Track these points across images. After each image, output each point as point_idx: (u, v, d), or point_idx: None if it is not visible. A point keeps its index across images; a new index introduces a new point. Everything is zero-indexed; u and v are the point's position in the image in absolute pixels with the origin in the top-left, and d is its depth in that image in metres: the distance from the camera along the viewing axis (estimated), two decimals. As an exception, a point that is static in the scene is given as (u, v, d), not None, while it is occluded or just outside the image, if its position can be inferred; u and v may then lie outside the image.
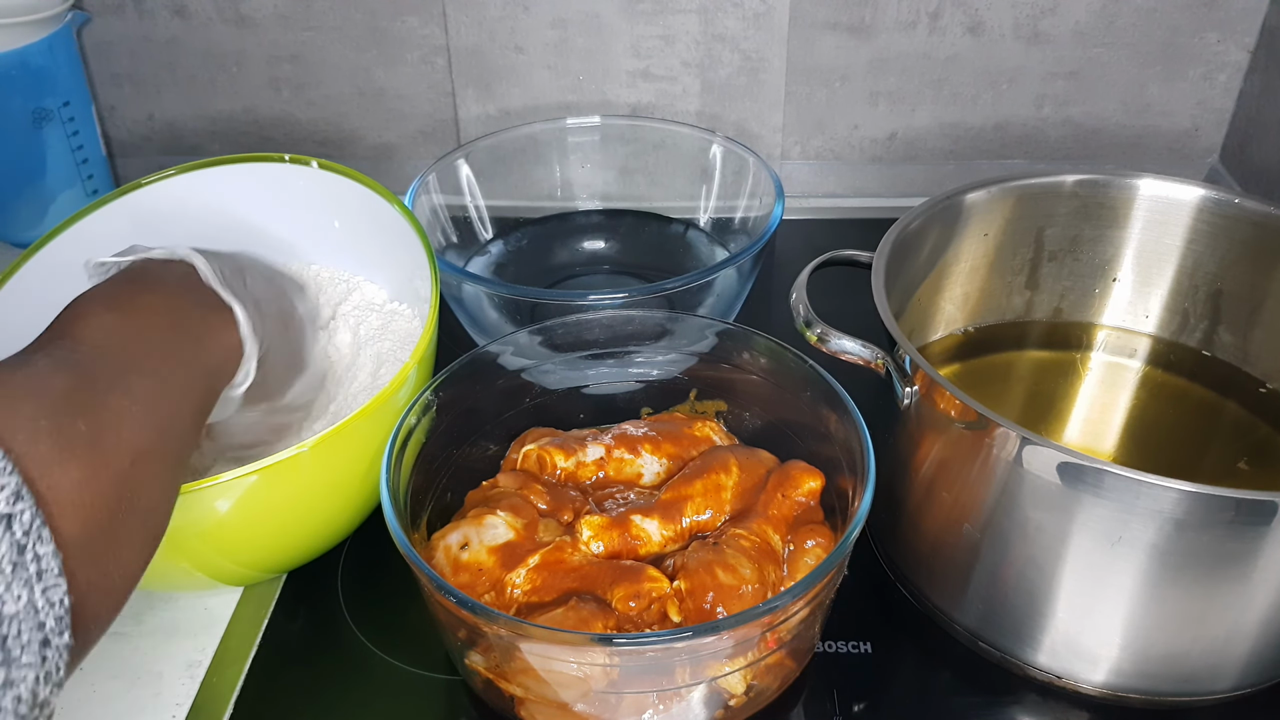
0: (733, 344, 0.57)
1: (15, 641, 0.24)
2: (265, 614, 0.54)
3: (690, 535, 0.50)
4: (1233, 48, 0.82)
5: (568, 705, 0.44)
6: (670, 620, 0.45)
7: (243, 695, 0.50)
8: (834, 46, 0.82)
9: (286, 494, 0.49)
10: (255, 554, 0.52)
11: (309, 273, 0.66)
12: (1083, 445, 0.58)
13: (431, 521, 0.52)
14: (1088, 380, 0.63)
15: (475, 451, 0.56)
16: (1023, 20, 0.81)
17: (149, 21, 0.83)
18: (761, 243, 0.63)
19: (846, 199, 0.90)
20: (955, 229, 0.60)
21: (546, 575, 0.47)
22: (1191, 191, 0.59)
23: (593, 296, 0.59)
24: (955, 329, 0.64)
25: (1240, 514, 0.41)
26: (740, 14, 0.81)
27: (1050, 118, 0.86)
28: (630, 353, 0.59)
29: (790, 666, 0.48)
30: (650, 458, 0.54)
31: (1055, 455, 0.43)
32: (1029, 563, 0.47)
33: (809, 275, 0.53)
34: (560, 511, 0.51)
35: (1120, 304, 0.64)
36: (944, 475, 0.49)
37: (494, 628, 0.42)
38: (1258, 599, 0.44)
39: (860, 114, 0.86)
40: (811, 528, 0.50)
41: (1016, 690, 0.50)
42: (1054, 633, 0.48)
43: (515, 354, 0.57)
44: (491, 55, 0.83)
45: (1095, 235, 0.62)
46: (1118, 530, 0.43)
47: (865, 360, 0.50)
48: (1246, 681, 0.49)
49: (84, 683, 0.51)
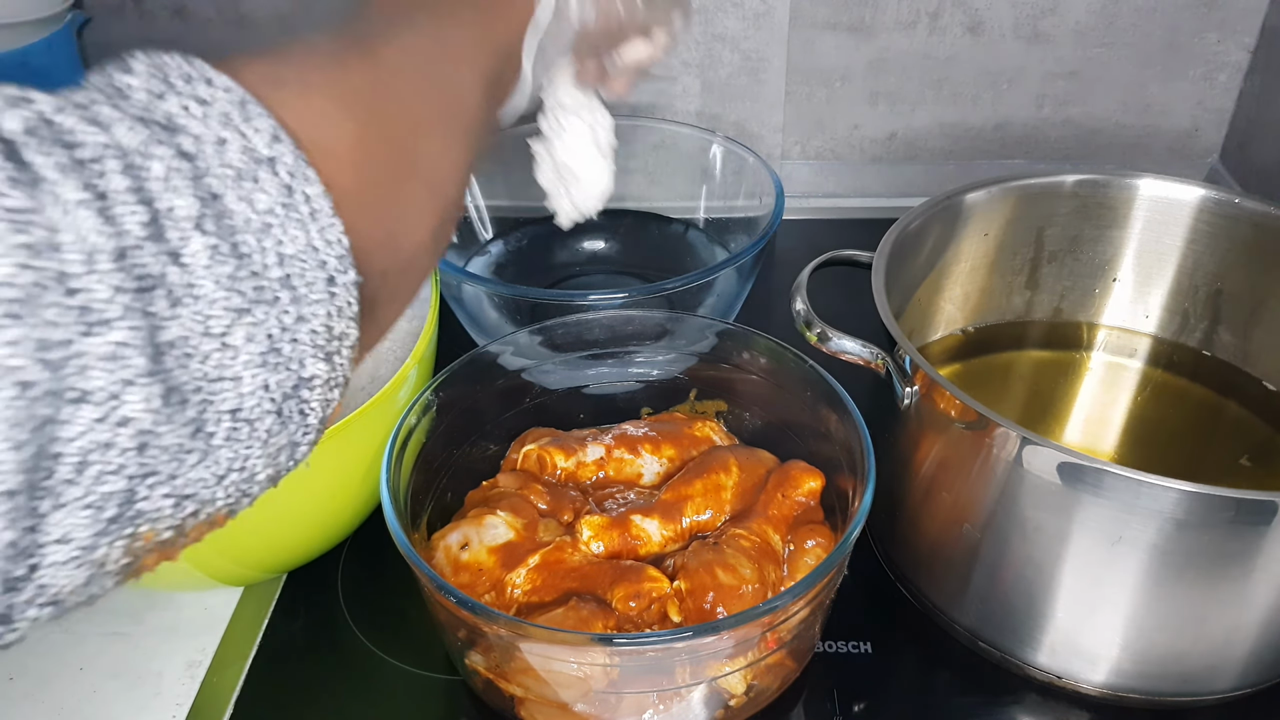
0: (733, 344, 0.57)
1: (300, 280, 0.25)
2: (265, 614, 0.54)
3: (690, 535, 0.50)
4: (1233, 48, 0.82)
5: (568, 705, 0.44)
6: (670, 620, 0.45)
7: (243, 695, 0.50)
8: (834, 46, 0.82)
9: (286, 494, 0.49)
10: (255, 554, 0.52)
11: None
12: (1083, 445, 0.58)
13: (431, 521, 0.52)
14: (1088, 380, 0.63)
15: (475, 451, 0.56)
16: (1023, 20, 0.81)
17: (149, 22, 0.82)
18: (761, 243, 0.63)
19: (846, 199, 0.90)
20: (955, 229, 0.60)
21: (546, 575, 0.47)
22: (1191, 191, 0.59)
23: (593, 296, 0.59)
24: (955, 329, 0.64)
25: (1240, 514, 0.41)
26: (740, 14, 0.81)
27: (1050, 118, 0.86)
28: (630, 353, 0.59)
29: (790, 666, 0.48)
30: (650, 458, 0.54)
31: (1055, 455, 0.43)
32: (1029, 563, 0.47)
33: (809, 275, 0.53)
34: (560, 511, 0.51)
35: (1120, 304, 0.64)
36: (944, 475, 0.49)
37: (494, 628, 0.42)
38: (1258, 599, 0.44)
39: (860, 114, 0.86)
40: (811, 528, 0.50)
41: (1016, 690, 0.50)
42: (1054, 633, 0.48)
43: (515, 354, 0.57)
44: (491, 55, 0.83)
45: (1095, 235, 0.62)
46: (1118, 530, 0.43)
47: (865, 360, 0.50)
48: (1246, 681, 0.49)
49: (84, 683, 0.51)
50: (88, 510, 0.22)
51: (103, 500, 0.22)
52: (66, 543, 0.22)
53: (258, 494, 0.27)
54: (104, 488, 0.22)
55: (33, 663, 0.52)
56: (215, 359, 0.23)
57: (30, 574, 0.21)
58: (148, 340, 0.22)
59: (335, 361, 0.27)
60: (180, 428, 0.23)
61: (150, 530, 0.23)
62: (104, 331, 0.21)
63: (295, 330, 0.25)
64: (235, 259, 0.23)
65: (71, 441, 0.21)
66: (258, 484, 0.26)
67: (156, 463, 0.23)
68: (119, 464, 0.22)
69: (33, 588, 0.22)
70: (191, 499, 0.24)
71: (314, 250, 0.25)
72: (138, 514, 0.23)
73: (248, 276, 0.24)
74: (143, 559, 0.24)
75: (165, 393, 0.22)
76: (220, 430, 0.24)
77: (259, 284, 0.24)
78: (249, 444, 0.25)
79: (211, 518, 0.25)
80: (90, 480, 0.21)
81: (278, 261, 0.25)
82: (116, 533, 0.23)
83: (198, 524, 0.25)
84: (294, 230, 0.25)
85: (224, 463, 0.24)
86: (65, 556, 0.22)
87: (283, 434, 0.26)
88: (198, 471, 0.24)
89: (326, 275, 0.26)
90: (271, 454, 0.26)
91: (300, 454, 0.28)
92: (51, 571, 0.22)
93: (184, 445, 0.23)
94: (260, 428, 0.25)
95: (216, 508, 0.25)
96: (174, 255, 0.22)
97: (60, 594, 0.23)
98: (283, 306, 0.25)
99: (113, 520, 0.22)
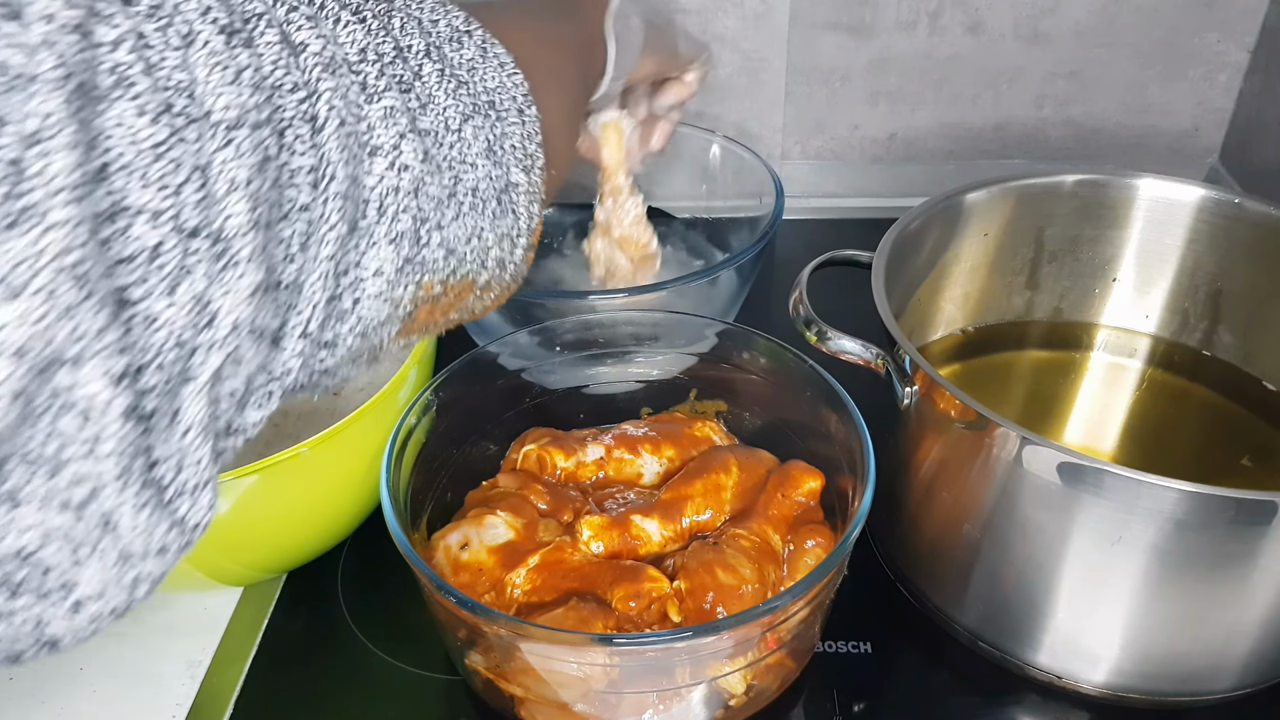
0: (733, 344, 0.57)
1: (501, 105, 0.34)
2: (265, 614, 0.54)
3: (690, 535, 0.50)
4: (1233, 48, 0.82)
5: (568, 705, 0.44)
6: (670, 620, 0.45)
7: (243, 695, 0.50)
8: (834, 46, 0.82)
9: (286, 494, 0.49)
10: (255, 554, 0.52)
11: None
12: (1083, 445, 0.58)
13: (431, 521, 0.52)
14: (1088, 380, 0.63)
15: (475, 451, 0.56)
16: (1023, 20, 0.81)
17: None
18: (761, 243, 0.63)
19: (846, 199, 0.90)
20: (955, 229, 0.60)
21: (546, 575, 0.47)
22: (1191, 191, 0.59)
23: (593, 297, 0.59)
24: (955, 329, 0.64)
25: (1240, 514, 0.41)
26: (740, 14, 0.81)
27: (1050, 118, 0.86)
28: (630, 353, 0.59)
29: (790, 666, 0.48)
30: (650, 458, 0.54)
31: (1055, 455, 0.43)
32: (1029, 563, 0.47)
33: (809, 275, 0.53)
34: (560, 511, 0.51)
35: (1120, 304, 0.64)
36: (944, 475, 0.49)
37: (494, 628, 0.42)
38: (1258, 599, 0.44)
39: (860, 114, 0.86)
40: (811, 528, 0.50)
41: (1016, 690, 0.50)
42: (1054, 633, 0.48)
43: (515, 354, 0.57)
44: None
45: (1095, 235, 0.62)
46: (1118, 530, 0.43)
47: (865, 360, 0.50)
48: (1246, 681, 0.49)
49: (84, 683, 0.51)
50: (391, 245, 0.28)
51: (399, 237, 0.29)
52: (380, 275, 0.28)
53: (492, 267, 0.34)
54: (399, 225, 0.29)
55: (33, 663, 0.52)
56: (455, 146, 0.31)
57: (354, 306, 0.28)
58: (411, 120, 0.29)
59: (530, 177, 0.35)
60: (440, 187, 0.30)
61: (429, 280, 0.31)
62: (378, 99, 0.28)
63: (502, 140, 0.34)
64: (455, 81, 0.32)
65: (372, 189, 0.28)
66: (491, 258, 0.34)
67: (428, 209, 0.30)
68: (404, 204, 0.29)
69: (354, 317, 0.28)
70: (453, 255, 0.32)
71: (506, 87, 0.34)
72: (422, 260, 0.30)
73: (467, 95, 0.32)
74: (418, 311, 0.31)
75: (425, 153, 0.30)
76: (466, 200, 0.32)
77: (475, 101, 0.33)
78: (483, 216, 0.33)
79: (462, 281, 0.33)
80: (389, 219, 0.28)
81: (484, 90, 0.33)
82: (409, 275, 0.30)
83: (453, 284, 0.33)
84: (491, 72, 0.34)
85: (470, 226, 0.32)
86: (377, 289, 0.29)
87: (502, 222, 0.34)
88: (455, 228, 0.31)
89: (518, 106, 0.34)
90: (498, 235, 0.34)
91: (518, 253, 0.36)
92: (368, 302, 0.28)
93: (443, 201, 0.31)
94: (489, 207, 0.33)
95: (466, 268, 0.33)
96: (415, 72, 0.30)
97: (369, 325, 0.29)
98: (492, 120, 0.33)
99: (408, 260, 0.29)
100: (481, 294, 0.35)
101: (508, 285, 0.37)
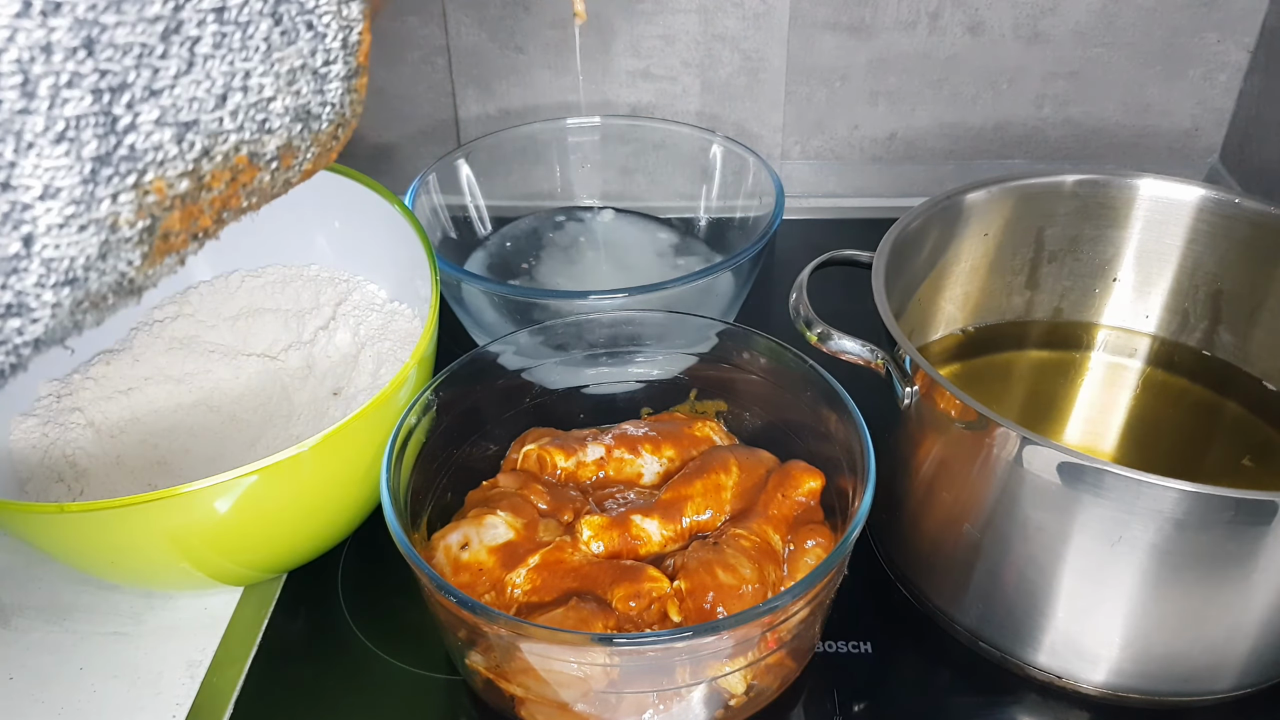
0: (733, 344, 0.57)
1: None
2: (265, 614, 0.54)
3: (690, 535, 0.50)
4: (1233, 48, 0.82)
5: (568, 705, 0.44)
6: (670, 620, 0.45)
7: (243, 695, 0.50)
8: (834, 46, 0.82)
9: (286, 494, 0.49)
10: (255, 554, 0.52)
11: (309, 273, 0.66)
12: (1083, 445, 0.58)
13: (431, 521, 0.52)
14: (1088, 380, 0.63)
15: (475, 451, 0.56)
16: (1023, 20, 0.81)
17: None
18: (761, 243, 0.63)
19: (846, 199, 0.90)
20: (955, 229, 0.60)
21: (546, 575, 0.47)
22: (1191, 191, 0.59)
23: (593, 297, 0.59)
24: (955, 329, 0.64)
25: (1240, 514, 0.41)
26: (740, 14, 0.81)
27: (1050, 118, 0.86)
28: (630, 353, 0.59)
29: (790, 666, 0.48)
30: (650, 458, 0.54)
31: (1055, 455, 0.43)
32: (1029, 563, 0.47)
33: (809, 275, 0.53)
34: (560, 511, 0.51)
35: (1120, 304, 0.64)
36: (944, 475, 0.49)
37: (494, 628, 0.42)
38: (1258, 599, 0.44)
39: (860, 114, 0.86)
40: (811, 528, 0.50)
41: (1016, 690, 0.50)
42: (1054, 632, 0.48)
43: (515, 354, 0.57)
44: (491, 55, 0.83)
45: (1095, 235, 0.62)
46: (1118, 530, 0.43)
47: (865, 360, 0.50)
48: (1246, 681, 0.49)
49: (84, 683, 0.51)
50: (61, 145, 0.18)
51: (74, 129, 0.19)
52: (54, 197, 0.19)
53: (279, 131, 0.23)
54: (68, 109, 0.18)
55: (33, 663, 0.52)
56: None
57: (27, 248, 0.19)
58: None
59: None
60: (141, 23, 0.19)
61: (158, 178, 0.20)
62: None
63: None
64: None
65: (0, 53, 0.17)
66: (275, 115, 0.23)
67: (122, 69, 0.19)
68: (70, 71, 0.18)
69: (37, 264, 0.19)
70: (194, 129, 0.21)
71: None
72: (131, 152, 0.20)
73: None
74: (166, 222, 0.21)
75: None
76: (202, 34, 0.20)
77: None
78: (245, 54, 0.22)
79: (229, 160, 0.22)
80: (45, 101, 0.18)
81: None
82: (113, 179, 0.20)
83: (214, 169, 0.22)
84: None
85: (219, 78, 0.21)
86: (59, 216, 0.19)
87: (291, 49, 0.23)
88: (188, 88, 0.20)
89: None
90: (285, 76, 0.23)
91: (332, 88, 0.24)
92: (51, 239, 0.19)
93: (153, 48, 0.20)
94: (256, 34, 0.22)
95: (230, 144, 0.22)
96: None
97: (74, 269, 0.20)
98: None
99: (100, 161, 0.19)
100: (278, 165, 0.24)
101: (326, 140, 0.26)
